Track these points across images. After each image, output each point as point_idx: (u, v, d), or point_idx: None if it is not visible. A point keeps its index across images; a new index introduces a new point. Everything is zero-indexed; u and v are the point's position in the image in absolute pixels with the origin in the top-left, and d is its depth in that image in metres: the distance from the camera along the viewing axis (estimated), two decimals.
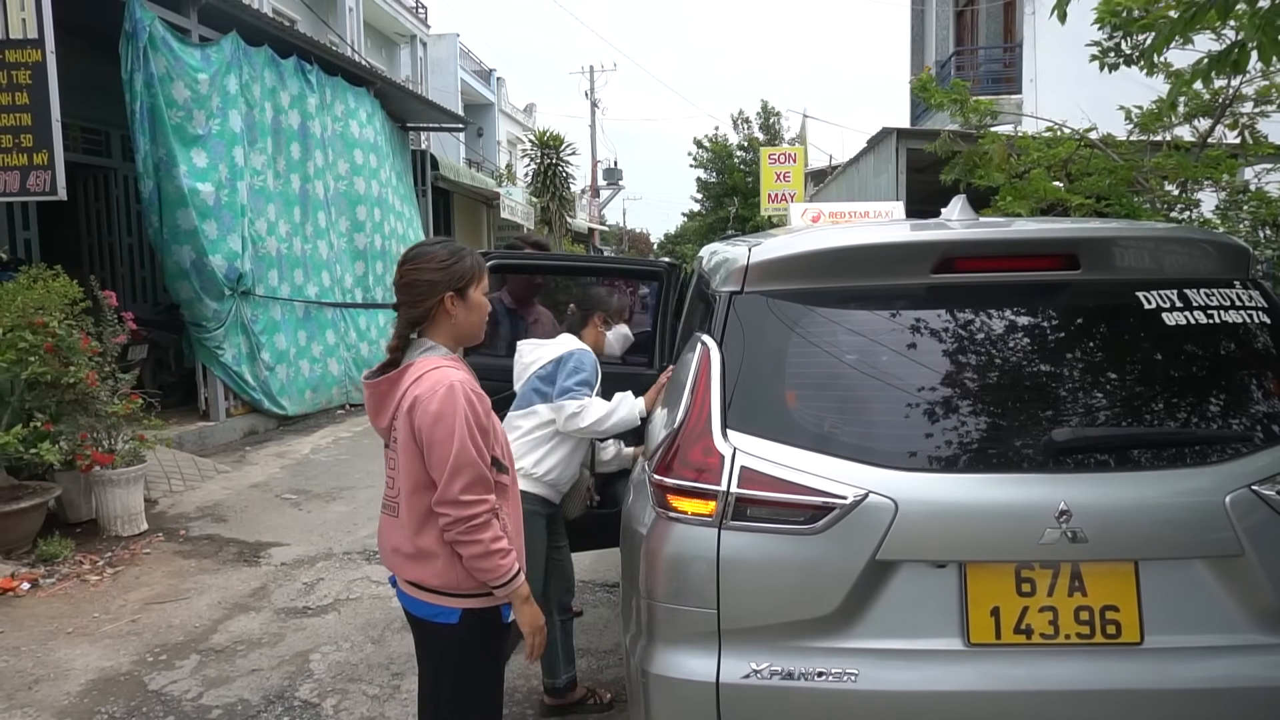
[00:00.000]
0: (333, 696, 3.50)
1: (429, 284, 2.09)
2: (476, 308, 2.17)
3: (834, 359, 2.16)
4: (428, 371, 2.04)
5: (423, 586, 2.10)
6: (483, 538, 2.01)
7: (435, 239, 2.21)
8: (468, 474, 1.99)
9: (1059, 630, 1.97)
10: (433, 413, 1.98)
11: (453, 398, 2.00)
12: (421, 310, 2.10)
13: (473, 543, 2.01)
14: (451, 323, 2.13)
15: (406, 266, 2.12)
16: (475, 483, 2.00)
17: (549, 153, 22.86)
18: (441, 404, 1.98)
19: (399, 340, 2.12)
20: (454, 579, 2.07)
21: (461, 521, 2.00)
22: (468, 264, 2.13)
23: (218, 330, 8.02)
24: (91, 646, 4.01)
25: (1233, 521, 1.95)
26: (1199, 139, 5.70)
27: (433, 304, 2.10)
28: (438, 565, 2.06)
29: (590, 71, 37.45)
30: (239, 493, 6.66)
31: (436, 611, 2.10)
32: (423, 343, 2.12)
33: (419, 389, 2.01)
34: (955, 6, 18.54)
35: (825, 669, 1.97)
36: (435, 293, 2.09)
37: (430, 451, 2.00)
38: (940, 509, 1.98)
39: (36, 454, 5.17)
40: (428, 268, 2.09)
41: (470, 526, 2.00)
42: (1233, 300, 2.19)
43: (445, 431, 1.98)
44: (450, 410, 1.99)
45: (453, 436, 1.98)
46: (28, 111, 6.01)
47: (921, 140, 10.25)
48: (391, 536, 2.14)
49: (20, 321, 5.35)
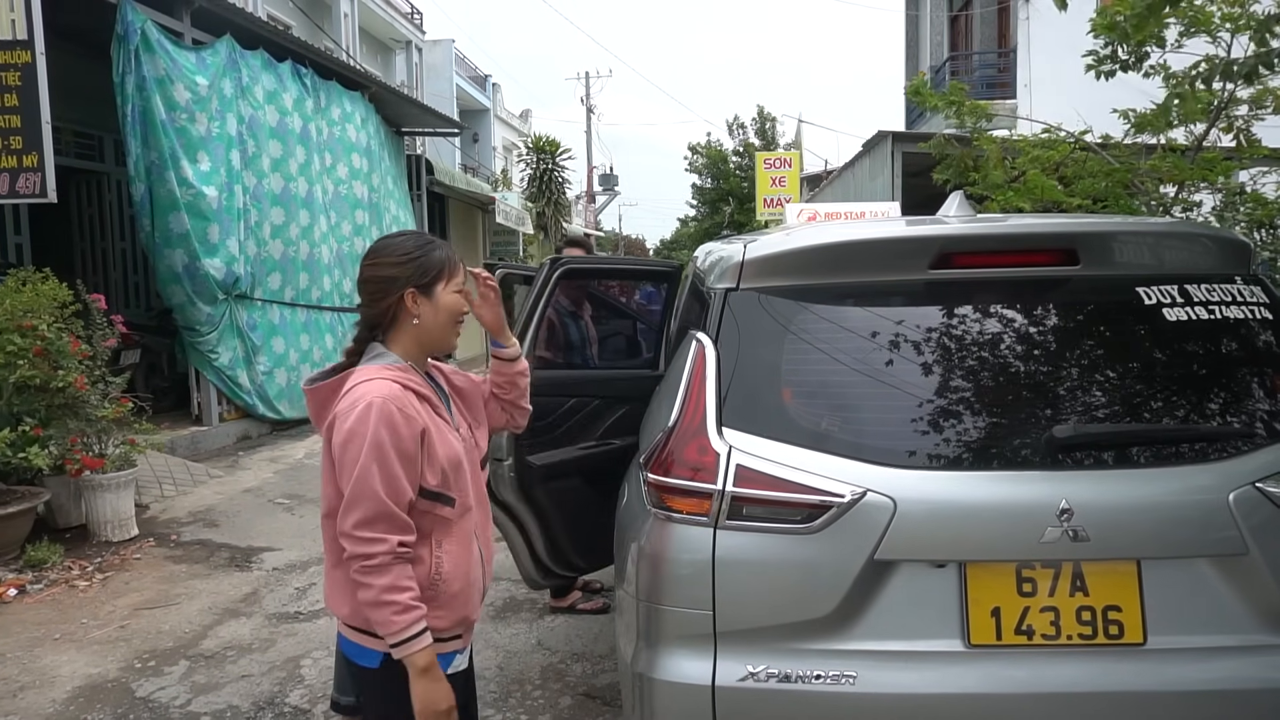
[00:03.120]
0: (323, 702, 3.45)
1: (387, 279, 1.83)
2: (445, 309, 1.88)
3: (831, 356, 2.13)
4: (359, 383, 1.79)
5: (348, 624, 1.85)
6: (375, 582, 1.72)
7: (407, 231, 1.95)
8: (364, 508, 1.72)
9: (1061, 631, 1.93)
10: (345, 431, 1.74)
11: (366, 418, 1.72)
12: (379, 310, 1.85)
13: (365, 586, 1.73)
14: (414, 325, 1.86)
15: (367, 261, 1.88)
16: (375, 519, 1.73)
17: (544, 158, 22.85)
18: (355, 423, 1.73)
19: (356, 344, 1.88)
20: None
21: (355, 559, 1.73)
22: (436, 257, 1.87)
23: (210, 334, 7.98)
24: (79, 653, 3.95)
25: (1237, 519, 1.92)
26: (1194, 142, 5.70)
27: (391, 303, 1.84)
28: (353, 601, 1.80)
29: (586, 77, 37.51)
30: (231, 497, 6.60)
31: (357, 651, 1.85)
32: (373, 348, 1.87)
33: (342, 404, 1.78)
34: (950, 11, 18.58)
35: (823, 671, 1.94)
36: (395, 289, 1.83)
37: (339, 474, 1.76)
38: (939, 508, 1.95)
39: (25, 458, 5.12)
40: (387, 261, 1.84)
41: (364, 568, 1.73)
42: (1234, 295, 2.16)
43: (352, 455, 1.73)
44: (360, 431, 1.72)
45: (355, 462, 1.72)
46: (17, 113, 5.97)
47: (917, 144, 10.25)
48: (326, 563, 1.93)
49: (9, 325, 5.31)
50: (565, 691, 3.50)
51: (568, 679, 3.61)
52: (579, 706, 3.39)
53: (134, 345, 7.88)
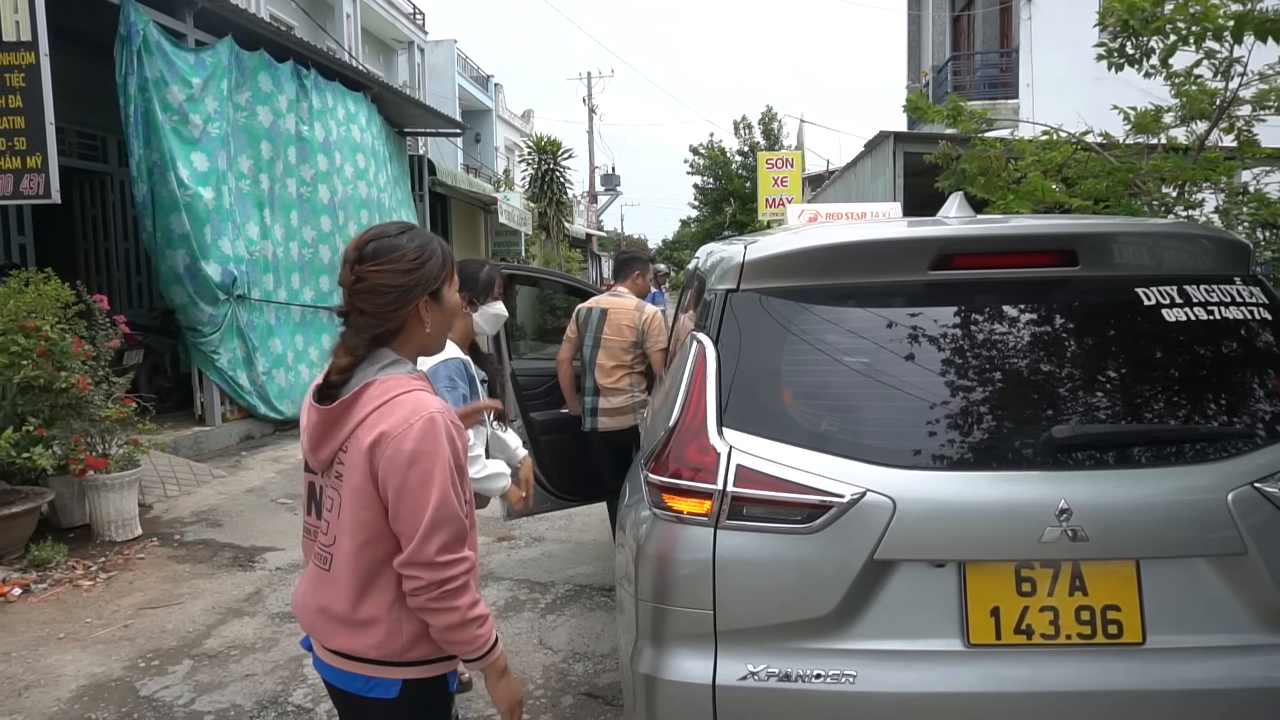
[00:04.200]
0: (326, 701, 3.46)
1: (401, 290, 1.65)
2: (450, 309, 1.76)
3: (831, 357, 2.14)
4: (397, 396, 1.61)
5: (354, 657, 1.69)
6: (459, 604, 1.62)
7: (389, 226, 1.76)
8: (448, 530, 1.60)
9: (1060, 630, 1.94)
10: (407, 453, 1.57)
11: (434, 434, 1.58)
12: (395, 324, 1.67)
13: (447, 610, 1.62)
14: (423, 333, 1.71)
15: (369, 267, 1.65)
16: (455, 540, 1.61)
17: (546, 158, 22.87)
18: (419, 441, 1.57)
19: (354, 357, 1.65)
20: (396, 647, 1.67)
21: (435, 586, 1.60)
22: (440, 256, 1.72)
23: (213, 335, 7.99)
24: (83, 652, 3.97)
25: (1235, 519, 1.92)
26: (1196, 141, 5.70)
27: (407, 314, 1.68)
28: (378, 634, 1.66)
29: (588, 77, 37.52)
30: (234, 497, 6.62)
31: (370, 685, 1.69)
32: (382, 355, 1.67)
33: (387, 421, 1.59)
34: (952, 12, 18.58)
35: (823, 670, 1.94)
36: (409, 301, 1.66)
37: (400, 499, 1.58)
38: (939, 507, 1.95)
39: (29, 459, 5.14)
40: (395, 270, 1.65)
41: (445, 592, 1.61)
42: (1233, 296, 2.17)
43: (421, 477, 1.57)
44: (430, 450, 1.58)
45: (431, 484, 1.57)
46: (21, 114, 6.00)
47: (918, 145, 10.25)
48: (319, 594, 1.71)
49: (12, 325, 5.33)
50: (567, 690, 3.52)
51: (569, 678, 3.62)
52: (581, 705, 3.40)
53: (137, 346, 7.89)
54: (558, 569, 4.88)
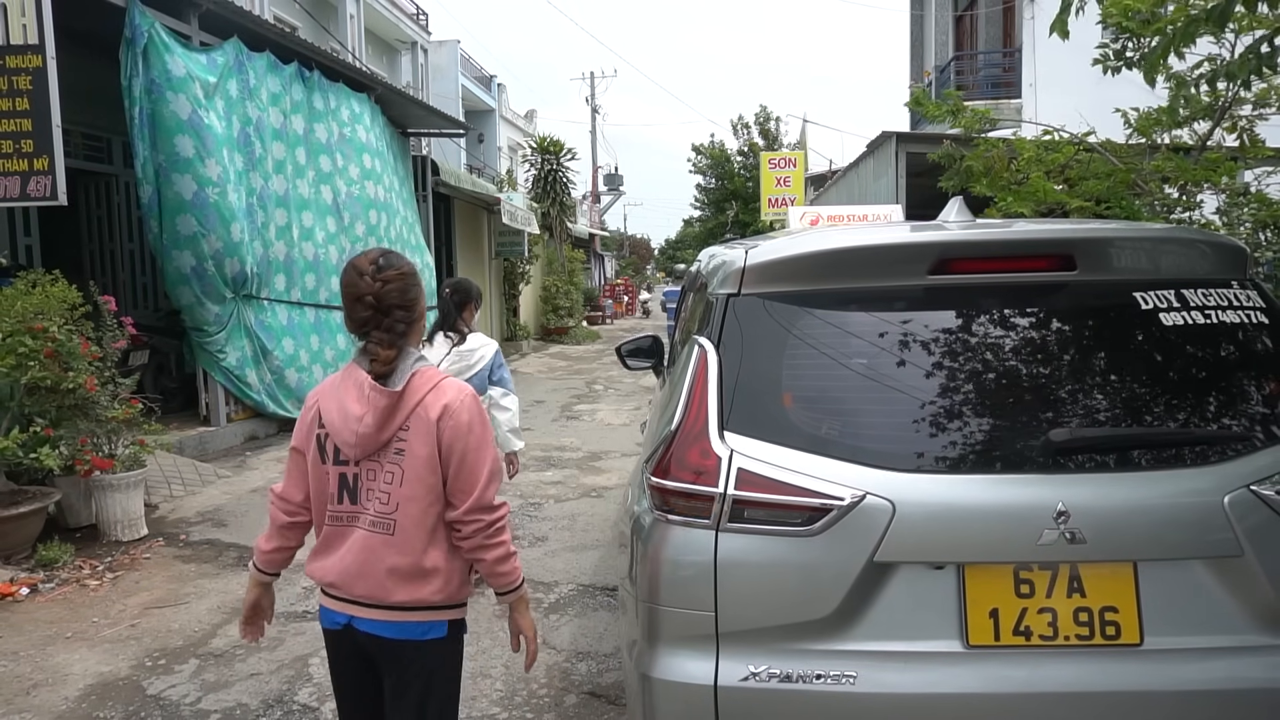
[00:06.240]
0: (331, 701, 3.49)
1: (418, 287, 2.09)
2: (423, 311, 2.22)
3: (831, 361, 2.16)
4: (440, 382, 2.05)
5: (417, 607, 2.02)
6: (506, 538, 2.06)
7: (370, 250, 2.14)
8: (497, 479, 2.06)
9: (1058, 631, 1.96)
10: (465, 423, 2.01)
11: (478, 407, 2.07)
12: (416, 315, 2.09)
13: (498, 545, 2.04)
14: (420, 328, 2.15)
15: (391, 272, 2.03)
16: (497, 488, 2.07)
17: (549, 158, 22.87)
18: (470, 413, 2.02)
19: (396, 349, 2.03)
20: (450, 591, 2.05)
21: (490, 525, 2.02)
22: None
23: (219, 335, 8.03)
24: (90, 651, 4.00)
25: (1232, 522, 1.94)
26: (1198, 142, 5.71)
27: (423, 308, 2.13)
28: (438, 581, 2.03)
29: (591, 77, 37.54)
30: (239, 497, 6.65)
31: (427, 629, 2.04)
32: (409, 351, 2.07)
33: (446, 398, 2.01)
34: (954, 11, 18.57)
35: (824, 671, 1.97)
36: (422, 297, 2.12)
37: (463, 459, 2.00)
38: (938, 510, 1.97)
39: (36, 459, 5.17)
40: (410, 271, 2.09)
41: (496, 529, 2.03)
42: (1230, 300, 2.19)
43: (478, 439, 2.02)
44: (479, 418, 2.05)
45: (486, 445, 2.04)
46: (28, 117, 6.03)
47: (921, 145, 10.27)
48: (385, 557, 2.01)
49: (20, 327, 5.36)
50: (570, 690, 3.54)
51: (572, 678, 3.64)
52: (583, 705, 3.42)
53: (143, 346, 7.93)
54: (561, 569, 4.89)
